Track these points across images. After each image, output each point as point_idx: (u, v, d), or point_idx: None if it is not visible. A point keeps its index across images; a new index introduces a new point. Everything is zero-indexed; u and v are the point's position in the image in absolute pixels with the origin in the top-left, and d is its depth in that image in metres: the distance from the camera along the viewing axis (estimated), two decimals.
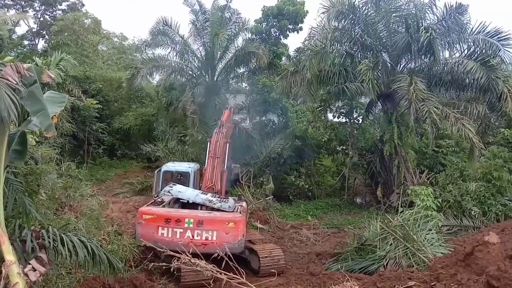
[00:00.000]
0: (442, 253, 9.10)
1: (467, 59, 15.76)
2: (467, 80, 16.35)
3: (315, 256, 12.38)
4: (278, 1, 23.05)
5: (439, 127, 16.23)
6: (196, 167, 14.46)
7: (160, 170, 14.11)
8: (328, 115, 22.07)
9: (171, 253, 6.37)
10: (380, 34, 17.65)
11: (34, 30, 30.21)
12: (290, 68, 19.67)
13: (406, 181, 16.51)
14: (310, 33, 18.25)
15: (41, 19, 30.87)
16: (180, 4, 25.57)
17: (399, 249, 9.39)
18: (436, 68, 16.87)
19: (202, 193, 11.28)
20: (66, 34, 27.05)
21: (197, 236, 9.76)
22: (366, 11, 17.67)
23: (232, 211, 10.64)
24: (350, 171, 21.12)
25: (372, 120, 21.77)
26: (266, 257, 10.37)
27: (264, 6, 23.02)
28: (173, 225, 9.84)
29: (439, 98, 16.65)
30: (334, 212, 18.95)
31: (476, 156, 15.14)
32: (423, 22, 16.50)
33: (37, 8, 30.63)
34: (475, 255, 6.04)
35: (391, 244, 9.64)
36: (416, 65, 17.25)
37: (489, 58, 15.27)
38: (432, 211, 11.80)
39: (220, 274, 5.73)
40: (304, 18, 22.68)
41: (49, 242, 5.31)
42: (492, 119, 20.83)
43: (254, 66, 23.17)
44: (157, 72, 23.89)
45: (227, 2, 23.54)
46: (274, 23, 22.94)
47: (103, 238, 9.26)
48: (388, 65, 17.64)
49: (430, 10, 17.12)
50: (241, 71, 24.26)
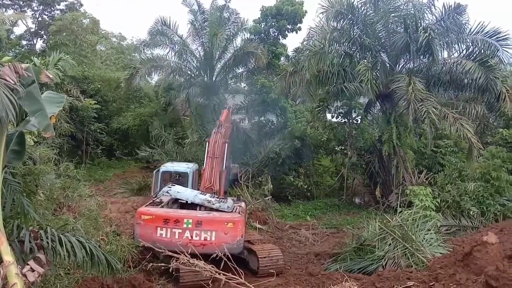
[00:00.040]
0: (440, 253, 9.09)
1: (466, 59, 15.81)
2: (466, 80, 16.40)
3: (314, 256, 12.40)
4: (276, 1, 23.00)
5: (437, 127, 16.30)
6: (194, 167, 14.44)
7: (158, 171, 14.06)
8: (327, 115, 22.07)
9: (170, 253, 6.38)
10: (379, 34, 17.68)
11: (32, 30, 30.09)
12: (289, 68, 19.67)
13: (405, 181, 16.53)
14: (308, 33, 18.27)
15: (39, 19, 30.81)
16: (178, 4, 25.54)
17: (398, 249, 9.40)
18: (434, 68, 16.91)
19: (200, 193, 11.24)
20: (64, 34, 27.01)
21: (195, 237, 9.73)
22: (364, 11, 17.71)
23: (231, 212, 10.61)
24: (349, 171, 21.14)
25: (370, 120, 21.77)
26: (265, 257, 10.36)
27: (262, 6, 22.98)
28: (171, 225, 9.82)
29: (438, 98, 16.70)
30: (333, 212, 18.94)
31: (474, 156, 15.20)
32: (422, 22, 16.54)
33: (35, 8, 30.58)
34: (473, 255, 6.04)
35: (390, 244, 9.65)
36: (414, 65, 17.30)
37: (487, 58, 15.32)
38: (430, 211, 11.83)
39: (219, 274, 5.74)
40: (303, 18, 22.63)
41: (47, 242, 5.31)
42: (490, 119, 20.90)
43: (252, 66, 23.12)
44: (155, 72, 23.81)
45: (225, 2, 23.49)
46: (273, 23, 22.88)
47: (101, 239, 9.24)
48: (387, 65, 17.65)
49: (428, 10, 17.17)
50: (239, 71, 24.19)
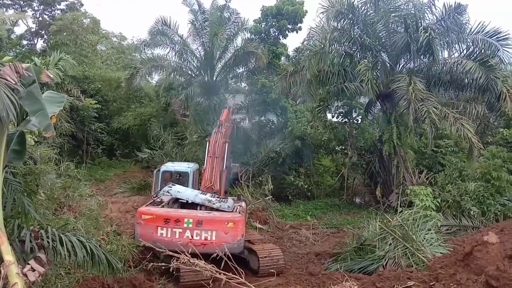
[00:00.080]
0: (441, 253, 9.09)
1: (466, 59, 15.79)
2: (466, 80, 16.37)
3: (314, 256, 12.39)
4: (277, 1, 22.99)
5: (438, 127, 16.28)
6: (195, 167, 14.44)
7: (159, 170, 14.07)
8: (327, 115, 22.06)
9: (170, 253, 6.38)
10: (379, 34, 17.66)
11: (32, 30, 30.11)
12: (289, 68, 19.69)
13: (405, 181, 16.52)
14: (309, 33, 18.27)
15: (39, 18, 30.81)
16: (179, 4, 25.53)
17: (398, 249, 9.39)
18: (435, 68, 16.89)
19: (201, 193, 11.24)
20: (65, 34, 27.04)
21: (196, 236, 9.74)
22: (365, 11, 17.69)
23: (231, 211, 10.61)
24: (349, 171, 21.13)
25: (371, 120, 21.74)
26: (265, 257, 10.36)
27: (263, 6, 22.98)
28: (172, 225, 9.82)
29: (438, 98, 16.68)
30: (333, 212, 18.93)
31: (475, 156, 15.17)
32: (422, 22, 16.52)
33: (35, 8, 30.58)
34: (474, 255, 6.04)
35: (390, 244, 9.64)
36: (415, 65, 17.27)
37: (488, 58, 15.30)
38: (431, 211, 11.81)
39: (219, 274, 5.74)
40: (303, 18, 22.62)
41: (48, 242, 5.31)
42: (491, 119, 20.90)
43: (253, 66, 23.16)
44: (156, 72, 23.88)
45: (226, 2, 23.54)
46: (273, 23, 22.87)
47: (102, 238, 9.24)
48: (387, 65, 17.64)
49: (429, 10, 17.15)
50: (240, 71, 24.23)
